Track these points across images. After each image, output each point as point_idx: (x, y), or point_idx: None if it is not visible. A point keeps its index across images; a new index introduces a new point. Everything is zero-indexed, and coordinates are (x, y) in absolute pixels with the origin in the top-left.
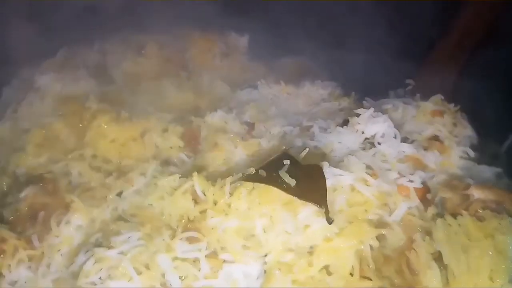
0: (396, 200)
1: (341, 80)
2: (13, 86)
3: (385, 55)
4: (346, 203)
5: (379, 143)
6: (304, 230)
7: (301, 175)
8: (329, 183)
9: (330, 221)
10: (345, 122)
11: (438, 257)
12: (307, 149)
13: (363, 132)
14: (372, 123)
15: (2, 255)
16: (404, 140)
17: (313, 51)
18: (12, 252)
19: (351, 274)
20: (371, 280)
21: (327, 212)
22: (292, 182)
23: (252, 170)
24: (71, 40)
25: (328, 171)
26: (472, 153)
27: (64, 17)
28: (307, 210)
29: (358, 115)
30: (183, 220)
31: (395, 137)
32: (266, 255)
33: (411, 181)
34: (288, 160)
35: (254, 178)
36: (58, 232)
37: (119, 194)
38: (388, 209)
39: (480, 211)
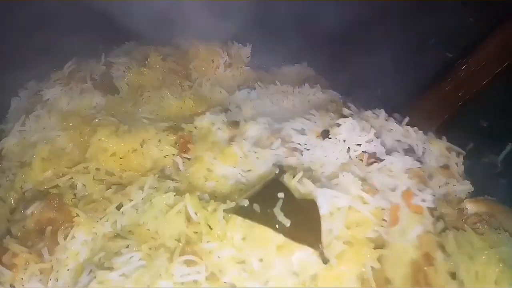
0: (409, 217)
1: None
2: (21, 96)
3: (388, 79)
4: (344, 225)
5: (383, 158)
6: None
7: (295, 212)
8: (325, 209)
9: (326, 261)
10: (325, 133)
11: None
12: (301, 173)
13: (344, 141)
14: (353, 133)
15: (14, 270)
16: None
17: (316, 62)
18: (23, 266)
19: None
20: None
21: (322, 254)
22: (286, 222)
23: (245, 202)
24: (77, 52)
25: (323, 195)
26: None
27: (70, 29)
28: (302, 253)
29: (338, 125)
30: (180, 242)
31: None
32: (267, 281)
33: (423, 200)
34: (282, 193)
35: (248, 213)
36: (65, 247)
37: (119, 208)
38: (387, 225)
39: (479, 226)
